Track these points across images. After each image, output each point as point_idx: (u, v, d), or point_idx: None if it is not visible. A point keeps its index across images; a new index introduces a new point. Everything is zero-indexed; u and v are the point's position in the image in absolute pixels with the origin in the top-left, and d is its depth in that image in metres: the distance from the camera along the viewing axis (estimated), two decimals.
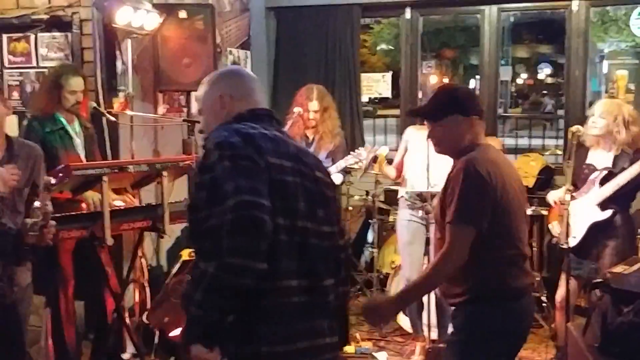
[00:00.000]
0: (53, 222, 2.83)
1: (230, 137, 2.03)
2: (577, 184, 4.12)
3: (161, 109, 5.34)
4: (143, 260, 4.74)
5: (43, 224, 2.77)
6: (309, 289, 2.08)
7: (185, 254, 4.97)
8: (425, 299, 4.48)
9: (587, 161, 4.17)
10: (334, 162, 4.79)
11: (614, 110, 4.06)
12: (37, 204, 2.79)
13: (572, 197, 3.88)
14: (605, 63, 16.97)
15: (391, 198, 5.78)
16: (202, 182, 2.01)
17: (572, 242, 3.93)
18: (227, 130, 2.08)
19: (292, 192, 2.07)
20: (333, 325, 2.20)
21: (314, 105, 4.73)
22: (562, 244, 3.87)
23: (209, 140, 2.07)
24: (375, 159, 4.75)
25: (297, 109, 4.78)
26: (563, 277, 4.08)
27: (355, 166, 4.91)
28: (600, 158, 4.14)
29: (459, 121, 2.70)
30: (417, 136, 4.54)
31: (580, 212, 4.02)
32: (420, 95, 6.81)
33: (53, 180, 2.87)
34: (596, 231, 4.03)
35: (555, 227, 4.24)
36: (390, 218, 5.75)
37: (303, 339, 2.08)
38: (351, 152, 4.84)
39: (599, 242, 4.04)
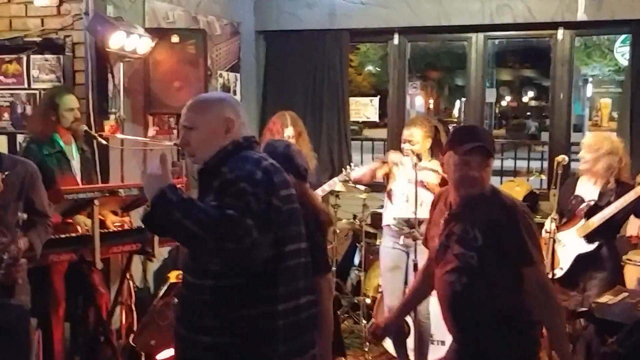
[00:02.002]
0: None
1: (255, 172, 2.14)
2: (564, 214, 4.18)
3: (151, 131, 5.37)
4: (130, 282, 4.74)
5: (10, 262, 2.65)
6: (306, 305, 2.29)
7: (173, 276, 4.96)
8: (410, 324, 4.53)
9: (576, 192, 4.22)
10: (310, 184, 4.84)
11: (597, 143, 4.14)
12: (4, 240, 2.69)
13: (558, 228, 3.94)
14: (589, 87, 17.22)
15: (378, 222, 5.81)
16: (230, 194, 2.08)
17: (559, 273, 3.98)
18: (248, 160, 2.18)
19: (296, 217, 2.27)
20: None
21: (289, 131, 4.78)
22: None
23: (230, 169, 2.14)
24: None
25: (287, 132, 4.82)
26: None
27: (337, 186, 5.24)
28: (588, 189, 4.20)
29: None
30: (402, 162, 4.59)
31: (567, 244, 4.07)
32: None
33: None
34: (582, 263, 4.07)
35: None
36: (377, 241, 5.78)
37: (304, 352, 2.30)
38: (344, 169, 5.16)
39: (585, 274, 4.07)
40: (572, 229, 4.13)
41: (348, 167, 5.33)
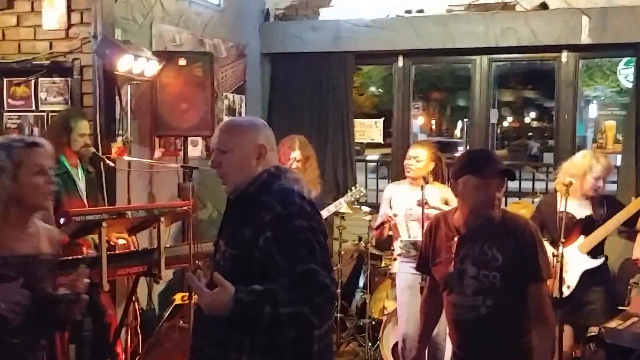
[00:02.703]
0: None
1: (303, 205, 2.20)
2: (550, 232, 4.20)
3: (157, 153, 5.39)
4: (136, 303, 4.73)
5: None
6: (328, 331, 2.37)
7: (178, 298, 4.96)
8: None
9: (563, 209, 4.22)
10: None
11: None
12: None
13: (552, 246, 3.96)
14: (591, 108, 17.28)
15: (383, 244, 5.82)
16: (280, 241, 2.12)
17: (566, 292, 3.98)
18: (293, 193, 2.22)
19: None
20: None
21: (296, 154, 4.81)
22: (556, 295, 3.90)
23: (278, 202, 2.17)
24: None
25: (293, 155, 4.84)
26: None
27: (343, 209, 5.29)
28: (575, 206, 4.19)
29: None
30: (401, 191, 4.60)
31: (570, 261, 4.07)
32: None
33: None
34: (586, 278, 4.11)
35: None
36: (382, 264, 5.78)
37: None
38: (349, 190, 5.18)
39: (588, 288, 4.11)
40: (571, 246, 4.13)
41: (353, 187, 5.37)
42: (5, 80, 4.81)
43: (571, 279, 4.08)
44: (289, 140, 4.88)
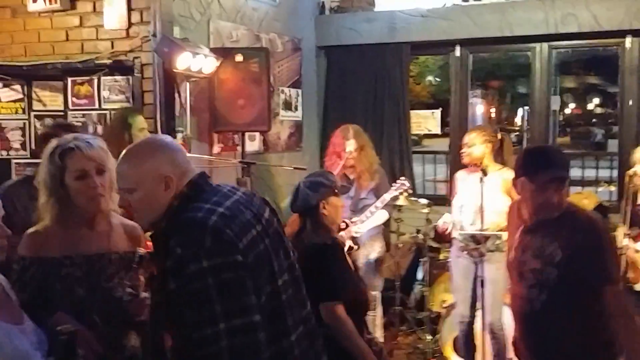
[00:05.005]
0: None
1: (203, 239, 1.85)
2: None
3: (216, 148, 5.48)
4: None
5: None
6: (305, 335, 2.10)
7: None
8: (479, 340, 4.47)
9: None
10: (378, 199, 4.81)
11: None
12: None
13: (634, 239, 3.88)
14: None
15: (441, 236, 5.76)
16: (180, 294, 1.85)
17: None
18: (193, 226, 1.89)
19: (267, 257, 2.01)
20: None
21: (351, 144, 4.79)
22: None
23: (178, 242, 1.85)
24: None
25: (348, 146, 4.83)
26: None
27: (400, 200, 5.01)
28: None
29: None
30: (467, 179, 4.56)
31: None
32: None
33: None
34: None
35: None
36: (441, 256, 5.73)
37: None
38: (392, 185, 4.84)
39: None
40: None
41: (398, 181, 5.18)
42: (69, 79, 4.96)
43: None
44: (342, 129, 4.88)
